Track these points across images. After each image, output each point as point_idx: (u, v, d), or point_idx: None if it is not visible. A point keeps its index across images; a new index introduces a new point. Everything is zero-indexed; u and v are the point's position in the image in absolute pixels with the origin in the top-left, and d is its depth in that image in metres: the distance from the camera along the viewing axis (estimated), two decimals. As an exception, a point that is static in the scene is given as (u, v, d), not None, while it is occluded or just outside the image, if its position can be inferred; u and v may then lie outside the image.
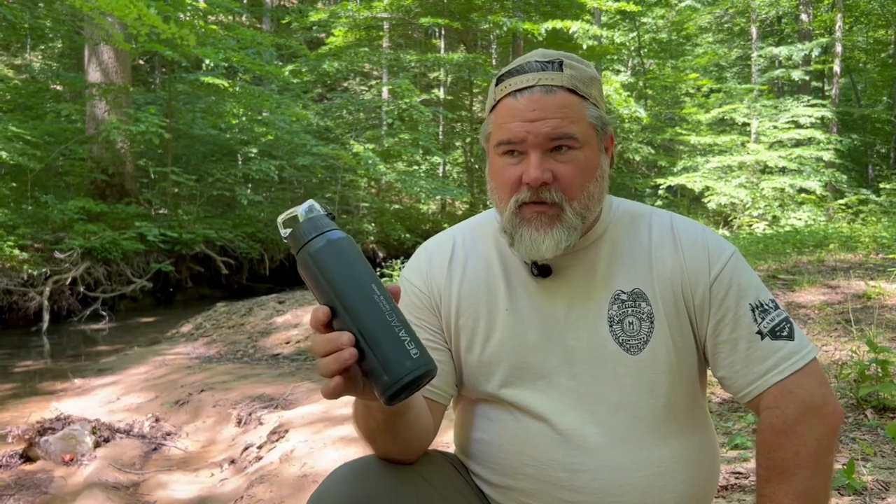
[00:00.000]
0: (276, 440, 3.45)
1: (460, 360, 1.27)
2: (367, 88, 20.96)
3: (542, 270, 1.23)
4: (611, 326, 1.20)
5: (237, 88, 13.84)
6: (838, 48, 16.98)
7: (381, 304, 0.93)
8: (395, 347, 0.90)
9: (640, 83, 19.74)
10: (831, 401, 1.16)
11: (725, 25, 22.41)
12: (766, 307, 1.19)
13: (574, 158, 1.15)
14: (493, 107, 1.20)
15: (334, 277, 0.93)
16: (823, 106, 16.14)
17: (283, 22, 19.99)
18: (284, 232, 0.98)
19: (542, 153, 1.14)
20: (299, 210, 0.98)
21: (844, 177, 16.28)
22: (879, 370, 3.10)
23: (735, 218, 14.92)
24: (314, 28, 18.99)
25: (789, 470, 1.13)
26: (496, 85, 1.19)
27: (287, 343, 6.71)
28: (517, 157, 1.16)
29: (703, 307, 1.20)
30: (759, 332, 1.17)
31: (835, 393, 1.22)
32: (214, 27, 13.06)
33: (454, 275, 1.29)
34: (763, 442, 1.16)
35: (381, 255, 14.88)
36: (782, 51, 17.61)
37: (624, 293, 1.21)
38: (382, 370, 0.90)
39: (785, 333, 1.17)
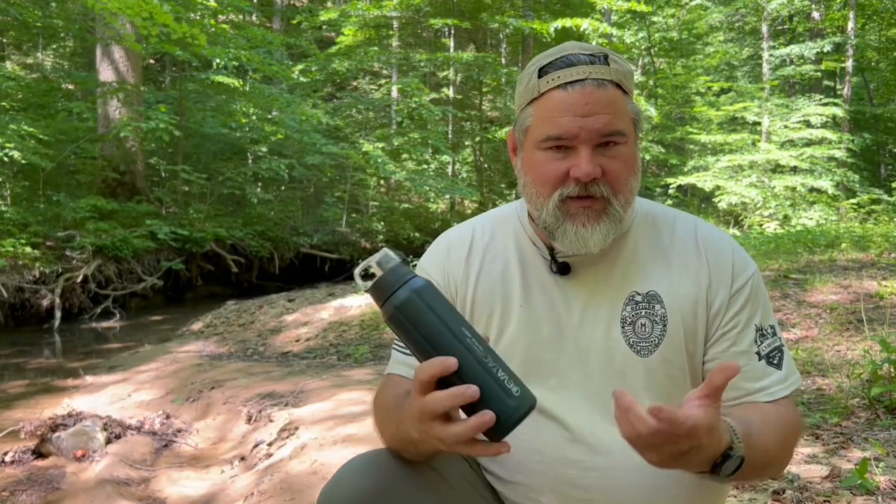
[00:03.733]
0: (287, 437, 3.46)
1: (472, 355, 1.27)
2: (376, 87, 20.97)
3: (561, 268, 1.23)
4: (623, 327, 1.20)
5: (247, 87, 13.87)
6: (850, 47, 16.85)
7: (476, 348, 0.94)
8: (497, 389, 0.92)
9: (651, 82, 19.65)
10: (794, 445, 1.23)
11: (736, 24, 22.29)
12: (765, 332, 1.21)
13: (620, 153, 1.15)
14: (534, 99, 1.17)
15: (427, 326, 0.94)
16: (835, 105, 16.02)
17: (294, 22, 20.03)
18: (364, 285, 0.98)
19: (592, 148, 1.13)
20: (374, 261, 0.97)
21: (856, 176, 16.16)
22: (892, 370, 3.09)
23: (746, 217, 14.84)
24: (324, 27, 19.02)
25: (773, 425, 1.14)
26: (539, 77, 1.16)
27: (297, 341, 6.72)
28: (563, 151, 1.15)
29: (717, 315, 1.21)
30: (757, 353, 1.20)
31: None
32: (225, 26, 13.10)
33: (471, 268, 1.28)
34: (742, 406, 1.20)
35: (390, 253, 14.88)
36: (793, 49, 17.49)
37: (639, 294, 1.21)
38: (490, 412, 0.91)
39: (775, 361, 1.20)
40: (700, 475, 1.04)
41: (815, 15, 18.79)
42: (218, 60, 11.95)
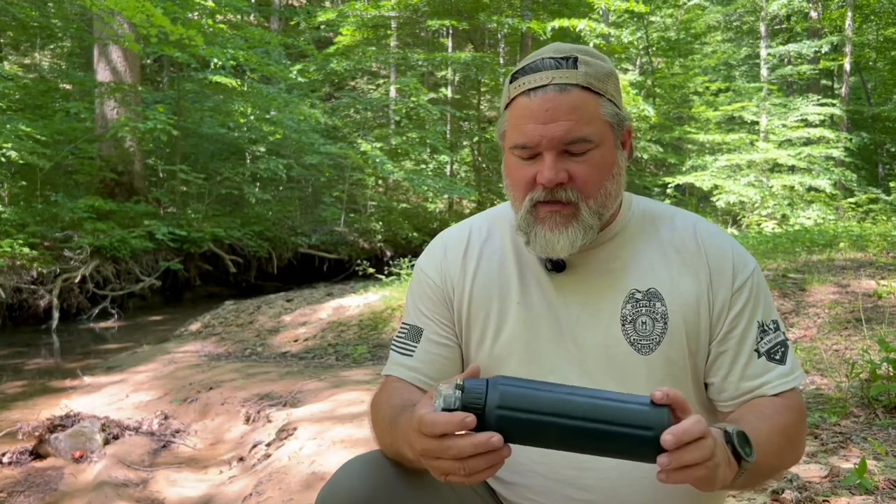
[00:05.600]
0: (285, 438, 3.45)
1: (471, 354, 1.27)
2: (374, 87, 20.96)
3: (556, 265, 1.22)
4: (623, 325, 1.20)
5: (245, 87, 13.86)
6: (848, 46, 16.87)
7: (579, 387, 0.96)
8: (630, 405, 0.94)
9: (649, 82, 19.67)
10: (803, 435, 1.21)
11: (734, 24, 22.31)
12: (767, 328, 1.21)
13: (589, 158, 1.14)
14: (508, 104, 1.18)
15: (535, 403, 0.93)
16: (833, 105, 16.03)
17: (292, 23, 20.02)
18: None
19: (556, 154, 1.12)
20: (444, 392, 0.94)
21: (854, 175, 16.17)
22: (891, 369, 3.08)
23: (744, 217, 14.85)
24: (322, 27, 19.02)
25: (769, 416, 1.14)
26: (510, 82, 1.17)
27: (295, 341, 6.72)
28: (531, 156, 1.15)
29: (721, 314, 1.20)
30: (757, 351, 1.19)
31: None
32: (223, 26, 13.09)
33: (468, 267, 1.28)
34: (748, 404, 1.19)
35: (388, 253, 14.89)
36: (791, 47, 17.52)
37: (639, 292, 1.21)
38: (636, 439, 0.93)
39: (778, 357, 1.20)
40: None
41: (813, 14, 18.80)
42: (216, 60, 11.94)
